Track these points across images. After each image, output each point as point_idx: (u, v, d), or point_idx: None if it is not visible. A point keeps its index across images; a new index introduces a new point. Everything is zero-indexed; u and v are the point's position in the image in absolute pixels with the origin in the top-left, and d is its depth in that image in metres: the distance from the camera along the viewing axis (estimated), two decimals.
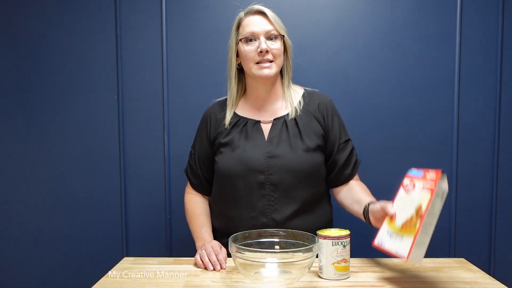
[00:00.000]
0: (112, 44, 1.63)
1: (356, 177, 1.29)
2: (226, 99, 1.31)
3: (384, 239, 0.97)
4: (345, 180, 1.26)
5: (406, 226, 0.93)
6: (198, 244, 1.24)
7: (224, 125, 1.25)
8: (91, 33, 1.63)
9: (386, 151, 1.64)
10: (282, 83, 1.27)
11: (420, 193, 0.94)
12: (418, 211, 0.92)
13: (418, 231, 0.89)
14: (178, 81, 1.64)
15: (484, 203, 1.66)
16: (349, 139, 1.28)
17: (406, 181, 1.00)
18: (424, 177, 0.96)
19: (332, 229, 1.06)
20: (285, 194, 1.18)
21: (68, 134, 1.66)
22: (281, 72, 1.26)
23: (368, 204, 1.10)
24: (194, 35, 1.63)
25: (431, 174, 0.94)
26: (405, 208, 0.96)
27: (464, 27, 1.61)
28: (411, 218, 0.92)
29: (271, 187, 1.17)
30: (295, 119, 1.22)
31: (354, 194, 1.22)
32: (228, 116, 1.25)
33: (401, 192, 1.00)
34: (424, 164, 1.63)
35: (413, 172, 1.00)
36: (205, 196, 1.35)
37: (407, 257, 0.89)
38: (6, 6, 1.63)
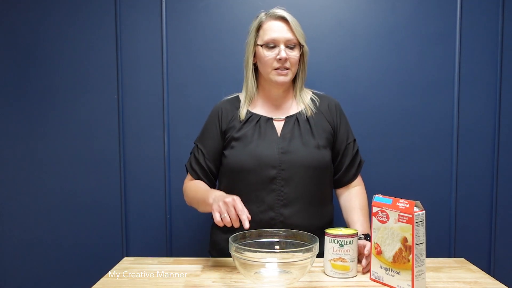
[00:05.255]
0: (112, 44, 1.63)
1: (359, 179, 1.32)
2: (235, 97, 1.32)
3: (380, 273, 1.00)
4: (348, 181, 1.30)
5: (399, 260, 0.95)
6: (211, 197, 1.10)
7: (239, 119, 1.26)
8: (91, 33, 1.63)
9: (386, 151, 1.64)
10: (295, 87, 1.29)
11: (398, 224, 0.95)
12: (404, 243, 0.93)
13: (413, 265, 0.92)
14: (178, 81, 1.64)
15: (484, 203, 1.66)
16: (354, 140, 1.31)
17: (375, 209, 1.00)
18: (394, 206, 0.96)
19: (342, 228, 1.08)
20: (294, 189, 1.19)
21: (68, 134, 1.66)
22: (295, 75, 1.28)
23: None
24: (194, 35, 1.63)
25: (404, 204, 0.94)
26: (388, 240, 0.97)
27: (464, 27, 1.61)
28: (400, 251, 0.94)
29: (282, 182, 1.19)
30: (306, 117, 1.25)
31: (350, 210, 1.26)
32: (243, 111, 1.26)
33: (375, 223, 1.00)
34: (424, 164, 1.63)
35: (380, 199, 1.00)
36: None
37: None
38: (6, 6, 1.63)
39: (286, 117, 1.26)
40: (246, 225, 0.98)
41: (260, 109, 1.28)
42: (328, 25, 1.63)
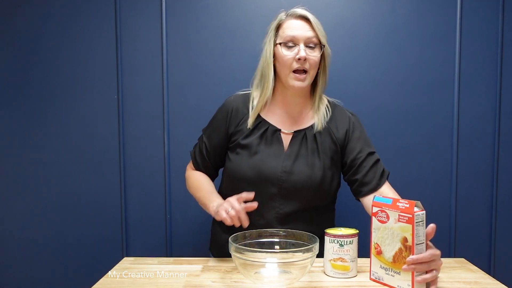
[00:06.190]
0: (112, 44, 1.63)
1: (388, 185, 1.20)
2: (249, 94, 1.26)
3: (380, 273, 1.00)
4: (371, 190, 1.19)
5: (399, 260, 0.94)
6: (212, 204, 1.15)
7: (247, 124, 1.20)
8: (91, 33, 1.63)
9: (386, 151, 1.64)
10: (314, 94, 1.23)
11: (398, 224, 0.94)
12: (404, 243, 0.93)
13: None
14: (178, 81, 1.64)
15: (484, 203, 1.66)
16: (372, 152, 1.22)
17: (375, 209, 1.00)
18: (394, 206, 0.96)
19: (342, 228, 1.07)
20: (295, 208, 1.18)
21: (68, 134, 1.66)
22: (314, 80, 1.22)
23: None
24: (194, 35, 1.63)
25: (404, 204, 0.94)
26: (388, 240, 0.97)
27: (464, 27, 1.62)
28: (400, 251, 0.94)
29: (281, 200, 1.17)
30: (314, 133, 1.20)
31: None
32: (251, 119, 1.20)
33: (375, 222, 1.00)
34: (424, 164, 1.63)
35: (380, 199, 1.00)
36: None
37: None
38: (6, 6, 1.63)
39: (295, 132, 1.21)
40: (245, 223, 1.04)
41: (272, 116, 1.22)
42: (328, 25, 1.61)
